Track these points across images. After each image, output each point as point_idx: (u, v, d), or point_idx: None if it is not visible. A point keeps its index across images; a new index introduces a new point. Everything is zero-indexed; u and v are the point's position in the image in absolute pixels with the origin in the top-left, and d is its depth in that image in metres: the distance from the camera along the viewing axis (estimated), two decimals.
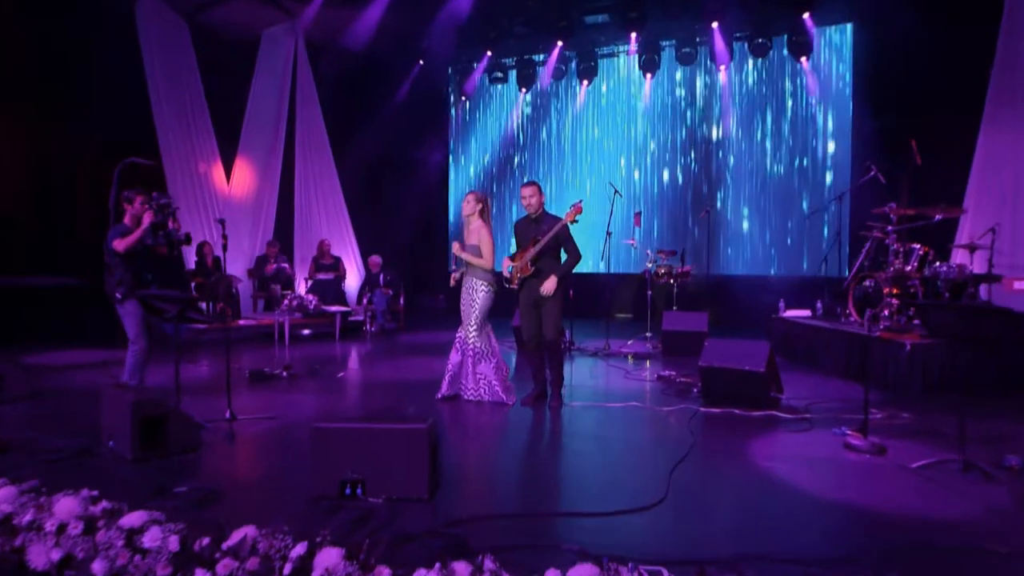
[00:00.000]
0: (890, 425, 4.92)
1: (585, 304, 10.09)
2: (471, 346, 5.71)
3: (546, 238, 5.38)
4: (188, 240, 5.56)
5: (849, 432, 4.64)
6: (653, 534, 3.15)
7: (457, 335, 5.87)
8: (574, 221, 5.41)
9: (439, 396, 5.81)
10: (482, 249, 5.72)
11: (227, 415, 4.97)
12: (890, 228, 7.01)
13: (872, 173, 7.62)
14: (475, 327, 5.69)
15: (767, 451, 4.42)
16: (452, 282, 5.85)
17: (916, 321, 6.80)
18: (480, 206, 5.84)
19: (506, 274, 5.74)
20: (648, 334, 8.86)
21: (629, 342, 8.97)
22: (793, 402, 5.63)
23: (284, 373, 6.86)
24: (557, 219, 5.56)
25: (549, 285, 5.43)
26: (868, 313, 7.01)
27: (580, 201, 5.45)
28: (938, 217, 6.95)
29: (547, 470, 4.07)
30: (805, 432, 4.83)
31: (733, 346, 5.56)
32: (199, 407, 5.34)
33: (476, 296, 5.72)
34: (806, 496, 3.60)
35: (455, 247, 5.74)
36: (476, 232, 5.76)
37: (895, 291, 6.95)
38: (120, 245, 5.12)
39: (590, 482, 3.87)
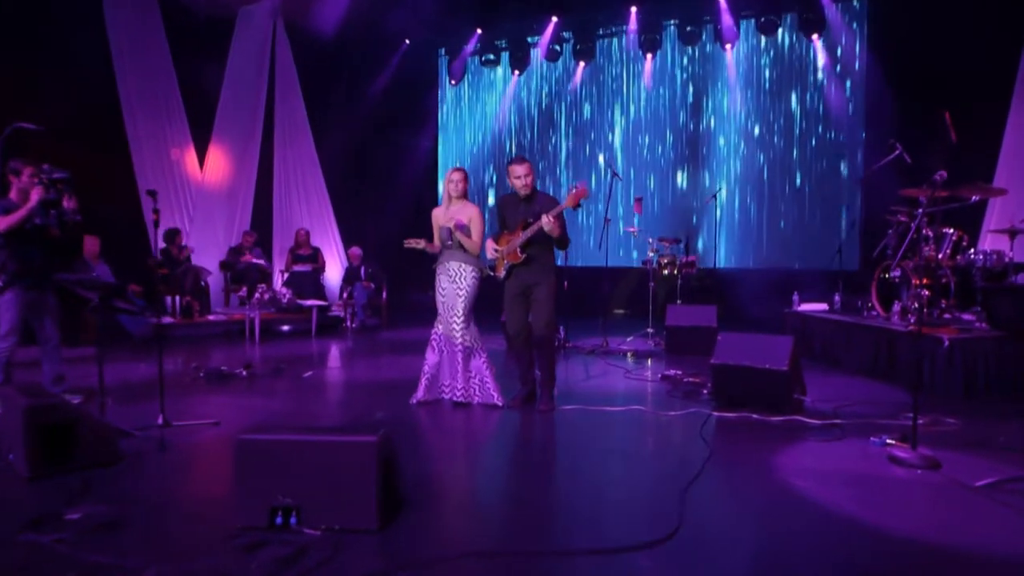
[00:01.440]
0: (936, 433, 4.21)
1: (580, 300, 9.36)
2: (459, 341, 4.99)
3: (544, 217, 4.63)
4: (78, 224, 4.72)
5: (891, 441, 3.93)
6: (668, 571, 2.44)
7: (434, 331, 5.15)
8: (577, 206, 4.68)
9: (414, 401, 5.08)
10: (472, 231, 5.03)
11: (159, 421, 4.24)
12: (920, 211, 6.29)
13: (897, 152, 6.90)
14: (462, 318, 4.98)
15: (797, 465, 3.70)
16: (415, 245, 5.13)
17: (948, 315, 6.11)
18: (466, 184, 5.16)
19: (490, 255, 5.02)
20: (650, 330, 8.14)
21: (629, 339, 8.26)
22: (819, 405, 4.92)
23: (243, 372, 6.13)
24: (553, 201, 4.84)
25: (551, 220, 4.56)
26: (896, 306, 6.30)
27: (583, 182, 4.70)
28: (975, 198, 6.23)
29: (534, 493, 3.35)
30: (838, 441, 4.12)
31: (750, 341, 4.84)
32: (131, 412, 4.63)
33: (463, 283, 5.00)
34: (852, 524, 2.88)
35: (453, 224, 5.01)
36: (465, 212, 5.06)
37: (926, 281, 6.24)
38: (1, 224, 4.40)
39: (587, 508, 3.15)
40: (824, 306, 7.63)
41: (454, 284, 5.03)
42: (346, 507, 2.76)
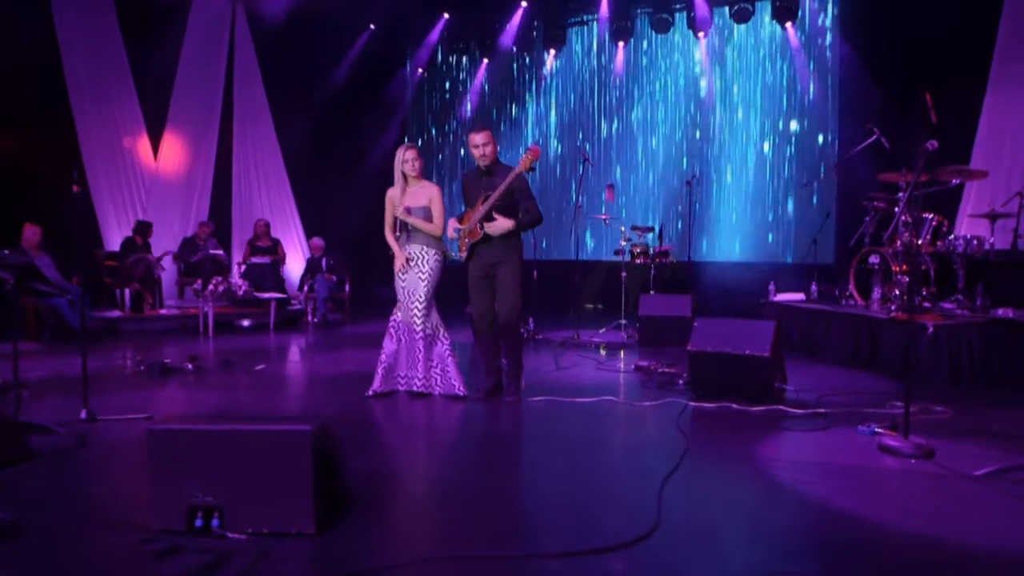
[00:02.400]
0: (926, 422, 3.96)
1: (550, 294, 9.08)
2: (420, 328, 4.63)
3: (497, 192, 4.33)
4: None
5: (880, 430, 3.67)
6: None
7: (392, 319, 4.81)
8: (531, 169, 4.37)
9: (369, 393, 4.71)
10: (433, 211, 4.70)
11: (83, 415, 3.82)
12: (901, 195, 6.10)
13: (875, 136, 6.70)
14: (424, 303, 4.63)
15: (782, 457, 3.43)
16: (399, 266, 4.76)
17: (928, 304, 5.91)
18: (423, 163, 4.83)
19: (451, 235, 4.68)
20: (623, 322, 7.85)
21: (601, 331, 7.97)
22: (800, 395, 4.66)
23: (189, 366, 5.70)
24: (512, 169, 4.52)
25: (500, 224, 4.38)
26: (876, 293, 6.09)
27: (536, 143, 4.43)
28: (955, 181, 6.06)
29: (498, 491, 3.01)
30: (824, 431, 3.85)
31: (730, 326, 4.56)
32: (55, 406, 4.22)
33: (425, 266, 4.66)
34: (847, 517, 2.60)
35: (400, 212, 4.66)
36: (425, 193, 4.72)
37: (905, 268, 6.04)
38: None
39: (557, 506, 2.83)
40: (801, 296, 7.42)
41: (416, 268, 4.69)
42: (277, 508, 2.40)
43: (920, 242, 6.09)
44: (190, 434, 2.44)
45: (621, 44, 11.06)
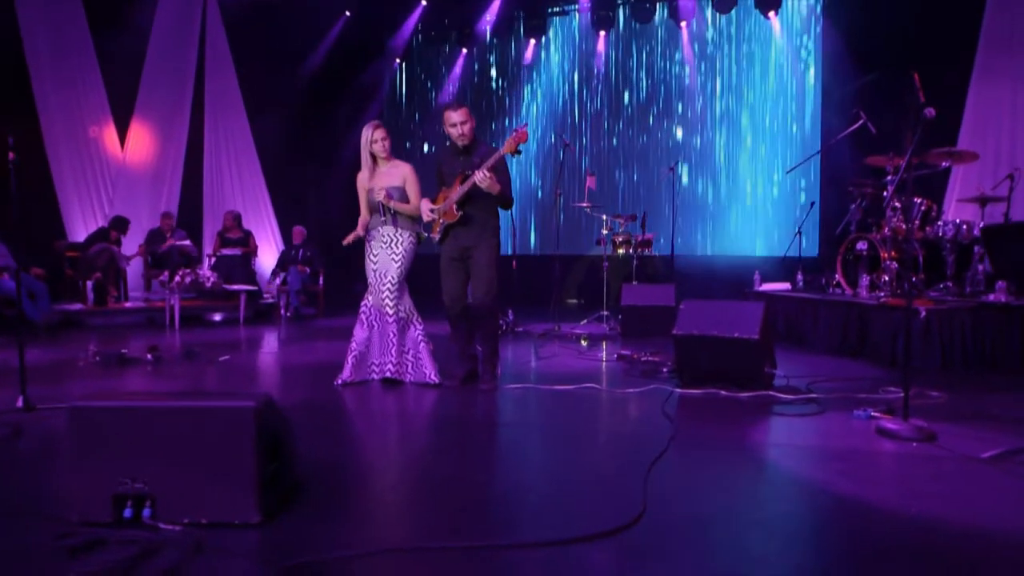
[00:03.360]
0: (923, 407, 3.76)
1: (528, 288, 8.86)
2: (392, 312, 4.37)
3: (477, 172, 4.06)
4: None
5: (877, 415, 3.47)
6: (630, 570, 1.89)
7: (363, 304, 4.55)
8: (516, 152, 4.12)
9: (339, 382, 4.45)
10: (409, 192, 4.45)
11: (19, 403, 3.52)
12: (889, 178, 5.94)
13: (862, 121, 6.53)
14: (395, 286, 4.37)
15: (775, 441, 3.21)
16: (350, 239, 4.54)
17: (915, 292, 5.74)
18: (391, 142, 4.56)
19: (426, 217, 4.42)
20: (604, 313, 7.63)
21: (582, 322, 7.74)
22: (790, 381, 4.46)
23: (149, 356, 5.39)
24: (494, 149, 4.27)
25: (486, 177, 4.00)
26: (864, 280, 5.91)
27: (524, 125, 4.14)
28: (944, 164, 5.91)
29: (471, 477, 2.76)
30: (816, 416, 3.64)
31: (717, 308, 4.34)
32: None
33: (399, 248, 4.41)
34: (850, 502, 2.38)
35: (382, 196, 4.38)
36: (398, 173, 4.46)
37: (895, 254, 5.87)
38: None
39: (534, 494, 2.58)
40: (787, 285, 7.24)
41: (388, 250, 4.43)
42: (218, 495, 2.14)
43: (910, 227, 5.90)
44: (118, 412, 2.16)
45: (603, 33, 10.86)
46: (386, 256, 4.43)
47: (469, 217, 4.27)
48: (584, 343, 6.53)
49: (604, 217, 7.69)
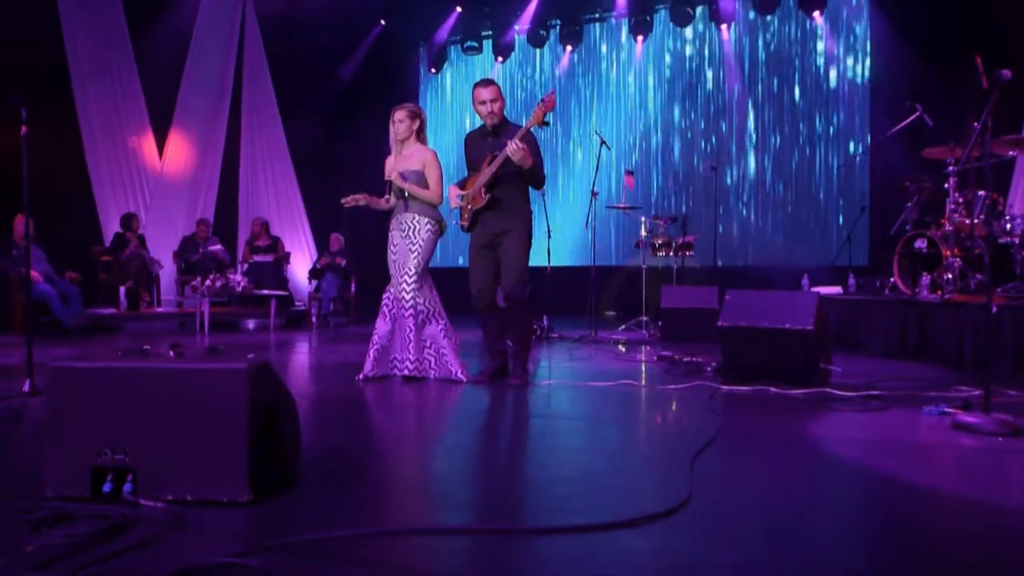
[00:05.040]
0: (1001, 404, 3.35)
1: (564, 300, 8.60)
2: (410, 304, 4.12)
3: (509, 144, 3.82)
4: None
5: (952, 410, 3.09)
6: (672, 553, 1.59)
7: (385, 296, 4.31)
8: (544, 123, 3.88)
9: (360, 377, 4.20)
10: (429, 177, 4.21)
11: (26, 387, 3.37)
12: (950, 169, 5.53)
13: (918, 114, 6.15)
14: (414, 276, 4.13)
15: (837, 435, 2.86)
16: (353, 202, 4.29)
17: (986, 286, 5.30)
18: (417, 124, 4.33)
19: (453, 204, 4.19)
20: (644, 318, 7.29)
21: (621, 328, 7.41)
22: (849, 380, 4.08)
23: (171, 352, 5.23)
24: (520, 127, 4.04)
25: (518, 148, 3.73)
26: (925, 279, 5.49)
27: (552, 91, 3.91)
28: (1011, 154, 5.49)
29: (496, 463, 2.49)
30: (882, 412, 3.28)
31: (766, 299, 4.00)
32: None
33: (417, 236, 4.17)
34: (926, 494, 2.04)
35: (395, 176, 4.18)
36: (418, 157, 4.24)
37: (957, 252, 5.44)
38: None
39: (567, 481, 2.29)
40: (838, 289, 6.82)
41: (407, 239, 4.20)
42: (204, 469, 1.90)
43: (974, 222, 5.49)
44: (98, 373, 1.95)
45: (640, 38, 10.62)
46: (404, 245, 4.19)
47: (498, 200, 4.03)
48: (622, 348, 6.21)
49: (642, 219, 7.39)
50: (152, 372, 1.96)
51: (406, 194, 4.20)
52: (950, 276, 5.34)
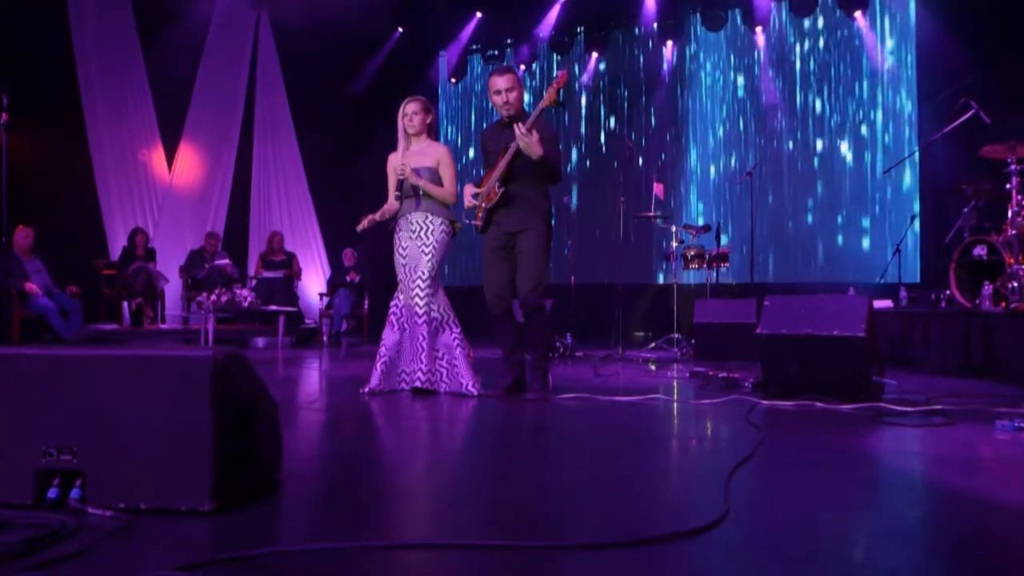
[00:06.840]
0: None
1: (588, 319, 8.24)
2: (423, 311, 3.83)
3: (517, 129, 3.54)
4: None
5: None
6: (707, 571, 1.26)
7: (394, 303, 4.01)
8: (558, 103, 3.61)
9: (365, 391, 3.87)
10: (443, 175, 3.94)
11: None
12: (1012, 168, 5.11)
13: (973, 111, 5.75)
14: (428, 280, 3.83)
15: (897, 449, 2.51)
16: (366, 224, 4.07)
17: None
18: (430, 118, 4.09)
19: (467, 203, 3.93)
20: (675, 336, 6.90)
21: (650, 345, 7.04)
22: (905, 396, 3.68)
23: None
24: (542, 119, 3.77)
25: (524, 134, 3.47)
26: (987, 289, 5.05)
27: (565, 69, 3.64)
28: None
29: (511, 476, 2.18)
30: (948, 427, 2.89)
31: (810, 304, 3.63)
32: None
33: (430, 237, 3.88)
34: (999, 512, 1.68)
35: (408, 172, 3.93)
36: (431, 153, 3.99)
37: (1022, 259, 5.00)
38: None
39: (586, 498, 1.94)
40: (888, 303, 6.37)
41: (418, 240, 3.90)
42: (161, 474, 1.61)
43: None
44: (44, 361, 1.68)
45: (670, 43, 10.32)
46: (416, 248, 3.90)
47: (513, 196, 3.73)
48: (652, 366, 5.83)
49: (673, 228, 7.04)
50: (105, 360, 1.68)
51: (420, 192, 3.95)
52: (1015, 285, 4.90)
